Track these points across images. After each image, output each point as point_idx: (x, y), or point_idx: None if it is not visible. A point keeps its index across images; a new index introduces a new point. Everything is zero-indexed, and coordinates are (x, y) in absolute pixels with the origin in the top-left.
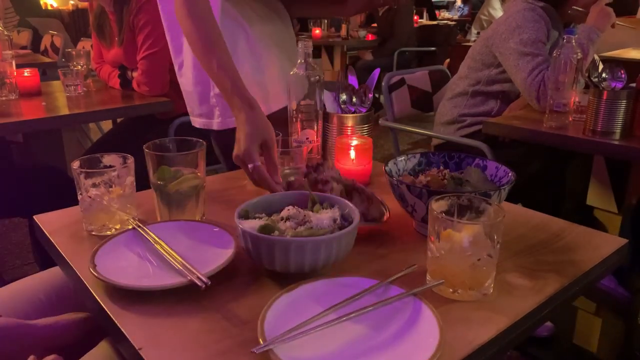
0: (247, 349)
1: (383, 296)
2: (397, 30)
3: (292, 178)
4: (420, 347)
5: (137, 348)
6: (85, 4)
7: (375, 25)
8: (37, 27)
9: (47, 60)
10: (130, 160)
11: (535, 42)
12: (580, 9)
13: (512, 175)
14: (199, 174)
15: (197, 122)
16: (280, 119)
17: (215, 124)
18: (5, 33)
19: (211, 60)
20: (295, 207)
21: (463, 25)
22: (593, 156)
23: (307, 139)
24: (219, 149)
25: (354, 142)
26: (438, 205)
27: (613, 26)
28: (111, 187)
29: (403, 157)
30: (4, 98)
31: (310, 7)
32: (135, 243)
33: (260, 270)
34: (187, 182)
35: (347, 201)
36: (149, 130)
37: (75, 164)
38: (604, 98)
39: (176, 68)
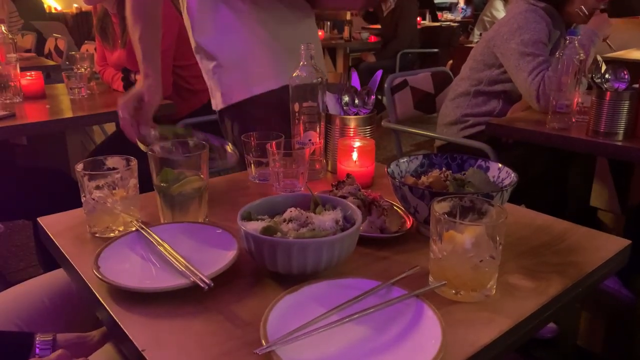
0: (249, 350)
1: (385, 297)
2: (400, 31)
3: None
4: (423, 348)
5: (140, 349)
6: (89, 7)
7: (378, 26)
8: (41, 30)
9: (51, 63)
10: (134, 162)
11: (536, 42)
12: (585, 11)
13: (514, 177)
14: (202, 176)
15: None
16: (267, 104)
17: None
18: (10, 36)
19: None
20: (298, 208)
21: (466, 26)
22: (596, 157)
23: (310, 140)
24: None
25: (357, 144)
26: (440, 207)
27: (605, 39)
28: (115, 189)
29: (405, 159)
30: (8, 101)
31: None
32: (138, 245)
33: (262, 271)
34: (190, 184)
35: (349, 203)
36: None
37: (79, 167)
38: (607, 99)
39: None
